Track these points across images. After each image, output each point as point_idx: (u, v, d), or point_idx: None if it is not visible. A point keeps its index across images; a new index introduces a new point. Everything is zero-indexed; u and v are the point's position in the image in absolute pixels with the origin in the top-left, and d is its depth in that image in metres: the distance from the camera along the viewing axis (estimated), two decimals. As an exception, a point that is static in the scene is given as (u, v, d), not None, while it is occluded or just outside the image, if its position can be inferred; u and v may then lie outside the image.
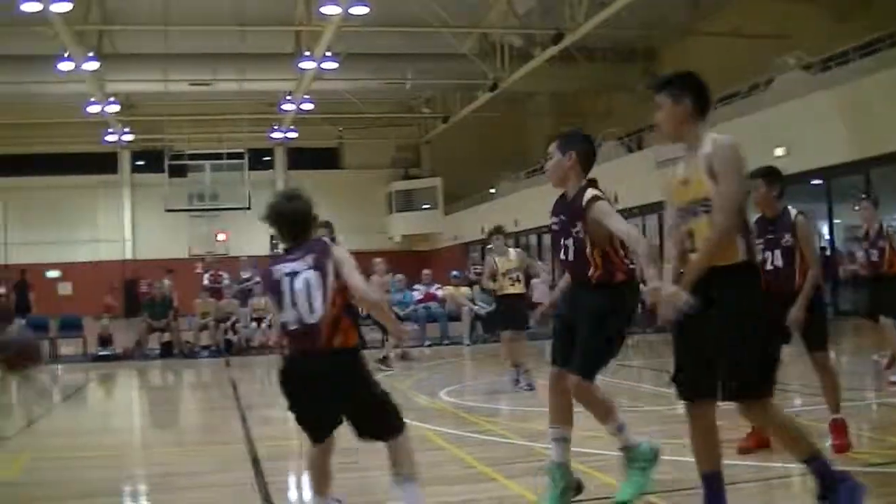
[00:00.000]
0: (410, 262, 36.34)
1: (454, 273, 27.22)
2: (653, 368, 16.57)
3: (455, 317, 24.57)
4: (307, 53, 34.01)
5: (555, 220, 7.26)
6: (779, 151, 27.49)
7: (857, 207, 13.92)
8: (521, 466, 8.01)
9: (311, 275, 6.03)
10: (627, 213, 35.52)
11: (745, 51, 34.12)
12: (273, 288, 6.17)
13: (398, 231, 56.53)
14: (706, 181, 5.70)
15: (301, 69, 35.84)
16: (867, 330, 15.03)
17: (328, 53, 33.60)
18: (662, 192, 6.33)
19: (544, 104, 51.61)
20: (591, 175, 7.36)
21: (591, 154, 7.52)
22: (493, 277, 14.65)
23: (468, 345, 23.46)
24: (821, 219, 30.07)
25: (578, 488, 6.94)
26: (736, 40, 35.06)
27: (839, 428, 8.05)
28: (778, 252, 8.39)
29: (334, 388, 5.91)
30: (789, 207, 8.57)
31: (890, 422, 9.81)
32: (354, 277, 6.08)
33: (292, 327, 5.97)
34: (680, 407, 5.77)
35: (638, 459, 6.82)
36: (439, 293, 25.56)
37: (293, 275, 6.11)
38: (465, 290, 25.48)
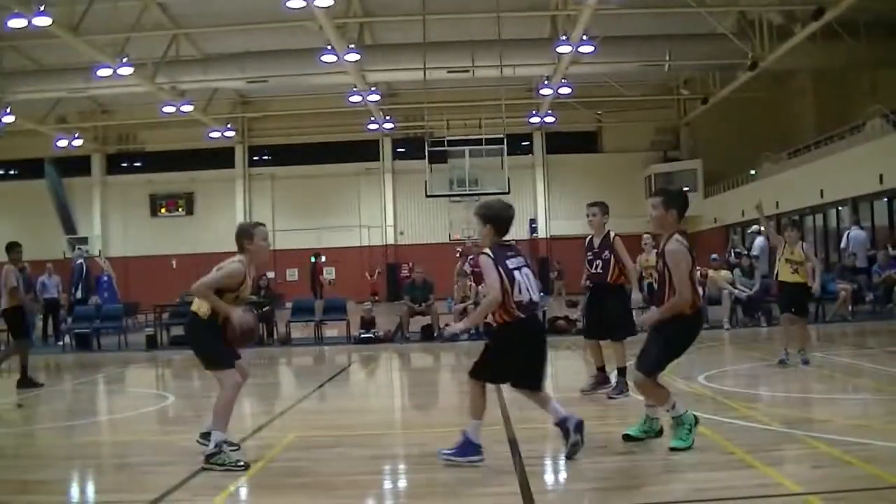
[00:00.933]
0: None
1: (714, 256, 26.85)
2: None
3: (715, 300, 24.22)
4: (564, 38, 34.09)
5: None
6: None
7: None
8: (782, 454, 7.90)
9: (528, 269, 8.54)
10: (893, 194, 34.45)
11: None
12: (510, 275, 8.29)
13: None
14: None
15: (558, 53, 35.96)
16: None
17: (585, 37, 33.62)
18: None
19: (806, 82, 50.27)
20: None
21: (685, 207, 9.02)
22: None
23: (728, 329, 23.11)
24: None
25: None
26: None
27: None
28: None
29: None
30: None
31: None
32: None
33: (528, 302, 8.34)
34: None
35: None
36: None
37: (519, 268, 8.40)
38: (725, 273, 25.09)
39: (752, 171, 49.99)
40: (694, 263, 8.63)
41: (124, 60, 32.74)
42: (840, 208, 40.81)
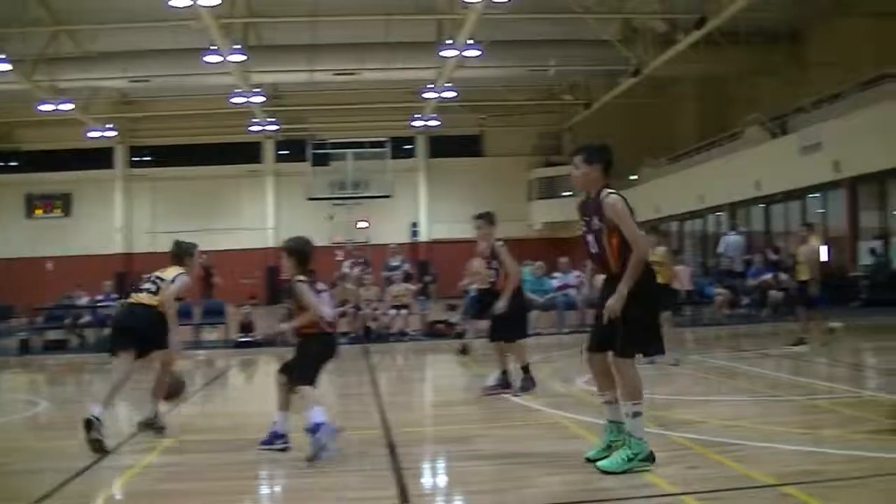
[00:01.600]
0: (551, 249, 36.20)
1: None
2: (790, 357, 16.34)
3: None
4: (449, 42, 34.13)
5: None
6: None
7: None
8: (657, 455, 7.93)
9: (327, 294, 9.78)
10: (771, 199, 35.07)
11: (897, 30, 33.14)
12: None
13: (539, 218, 56.43)
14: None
15: (443, 57, 36.00)
16: None
17: (470, 41, 33.72)
18: None
19: (688, 89, 51.02)
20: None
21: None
22: None
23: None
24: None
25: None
26: (889, 20, 34.11)
27: None
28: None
29: None
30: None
31: None
32: None
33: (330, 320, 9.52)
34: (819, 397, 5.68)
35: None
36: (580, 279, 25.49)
37: (319, 292, 9.52)
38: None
39: (634, 176, 50.57)
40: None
41: (1, 56, 32.06)
42: (718, 213, 41.52)
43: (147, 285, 10.50)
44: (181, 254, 11.00)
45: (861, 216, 32.34)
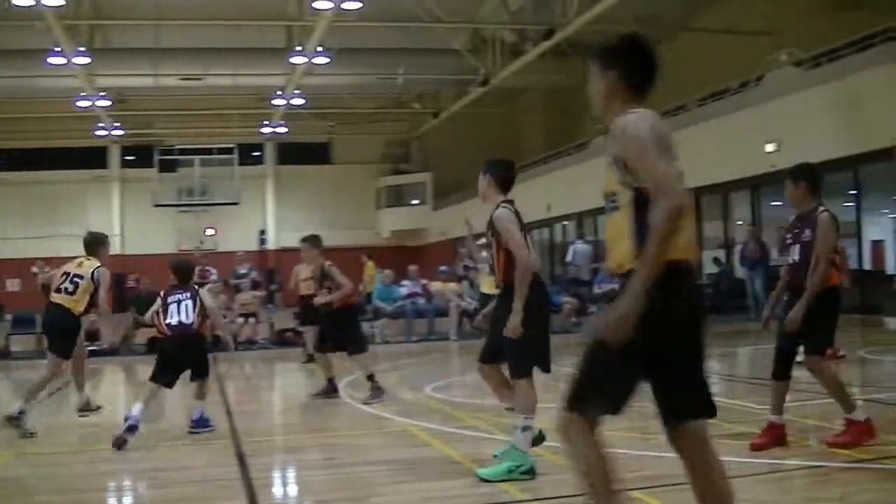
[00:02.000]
0: (399, 257, 36.26)
1: (442, 268, 27.17)
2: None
3: (443, 312, 24.51)
4: (299, 48, 33.95)
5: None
6: (769, 147, 27.59)
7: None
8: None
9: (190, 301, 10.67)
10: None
11: (738, 47, 34.12)
12: (165, 305, 10.54)
13: (387, 226, 56.48)
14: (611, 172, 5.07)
15: (292, 64, 35.79)
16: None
17: (320, 48, 33.57)
18: None
19: (536, 99, 51.57)
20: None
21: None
22: None
23: (455, 340, 23.42)
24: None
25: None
26: (729, 37, 35.06)
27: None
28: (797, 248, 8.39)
29: None
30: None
31: (882, 419, 9.81)
32: None
33: (175, 324, 10.50)
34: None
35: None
36: (428, 288, 25.52)
37: (178, 301, 10.59)
38: (453, 285, 25.41)
39: (482, 186, 50.74)
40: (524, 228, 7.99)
41: None
42: (566, 223, 42.00)
43: (66, 285, 10.80)
44: (94, 244, 11.30)
45: (705, 226, 33.02)
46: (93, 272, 10.82)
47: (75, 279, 10.72)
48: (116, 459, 9.25)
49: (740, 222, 31.15)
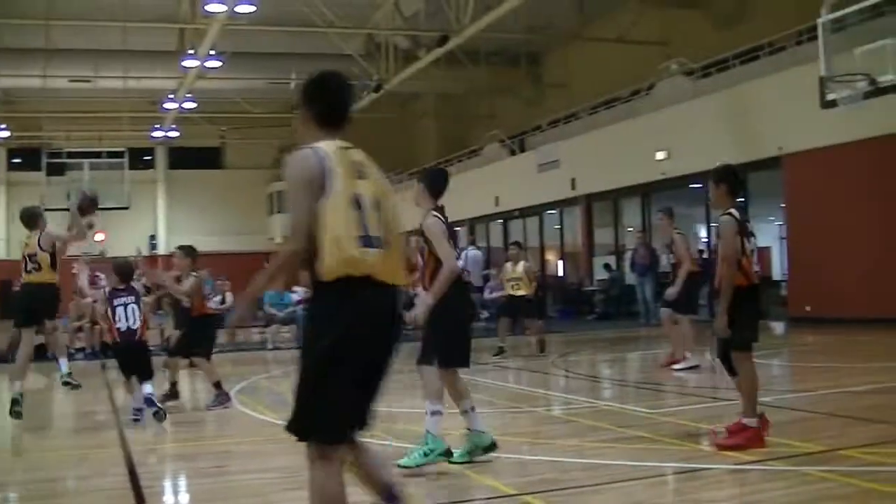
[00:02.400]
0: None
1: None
2: (531, 370, 16.66)
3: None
4: (191, 51, 33.61)
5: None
6: (660, 155, 27.98)
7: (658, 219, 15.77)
8: (400, 469, 7.96)
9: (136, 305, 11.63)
10: (509, 215, 35.83)
11: (629, 56, 34.56)
12: (113, 310, 11.41)
13: (280, 232, 56.18)
14: None
15: (184, 67, 35.43)
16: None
17: (212, 52, 33.28)
18: None
19: (429, 106, 51.70)
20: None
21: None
22: None
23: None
24: (699, 222, 30.58)
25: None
26: (620, 46, 35.51)
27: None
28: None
29: None
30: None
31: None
32: None
33: (124, 329, 11.33)
34: (557, 408, 5.76)
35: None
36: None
37: (125, 305, 11.42)
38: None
39: (375, 192, 50.80)
40: (454, 236, 8.56)
41: None
42: (457, 228, 42.00)
43: (29, 266, 11.65)
44: (28, 218, 12.09)
45: (596, 232, 33.37)
46: (40, 241, 11.59)
47: (33, 258, 11.47)
48: (9, 469, 9.10)
49: (631, 229, 31.52)
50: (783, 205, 26.05)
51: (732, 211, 8.57)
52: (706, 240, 29.53)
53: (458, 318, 8.48)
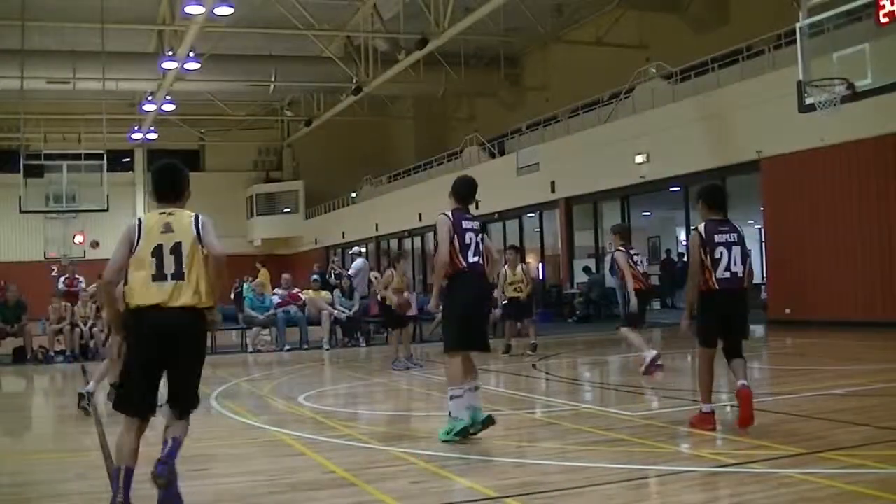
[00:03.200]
0: (270, 266, 36.03)
1: (315, 277, 27.03)
2: (511, 373, 16.68)
3: (315, 321, 24.41)
4: (170, 53, 33.56)
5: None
6: (639, 158, 28.05)
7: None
8: (381, 471, 7.96)
9: None
10: (489, 218, 35.93)
11: (608, 60, 34.71)
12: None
13: (259, 234, 56.20)
14: None
15: (163, 69, 35.36)
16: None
17: (191, 54, 33.25)
18: None
19: (408, 108, 51.74)
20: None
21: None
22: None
23: (328, 349, 23.33)
24: (679, 225, 30.67)
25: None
26: (598, 49, 35.65)
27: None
28: None
29: None
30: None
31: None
32: None
33: None
34: (538, 411, 5.77)
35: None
36: (300, 297, 25.37)
37: None
38: (325, 294, 25.31)
39: (353, 194, 50.86)
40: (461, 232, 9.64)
41: None
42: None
43: None
44: None
45: (576, 235, 33.42)
46: None
47: None
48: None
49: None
50: (762, 208, 26.14)
51: (700, 226, 9.59)
52: (685, 243, 29.66)
53: (460, 306, 9.55)
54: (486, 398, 13.15)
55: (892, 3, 15.08)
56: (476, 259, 9.60)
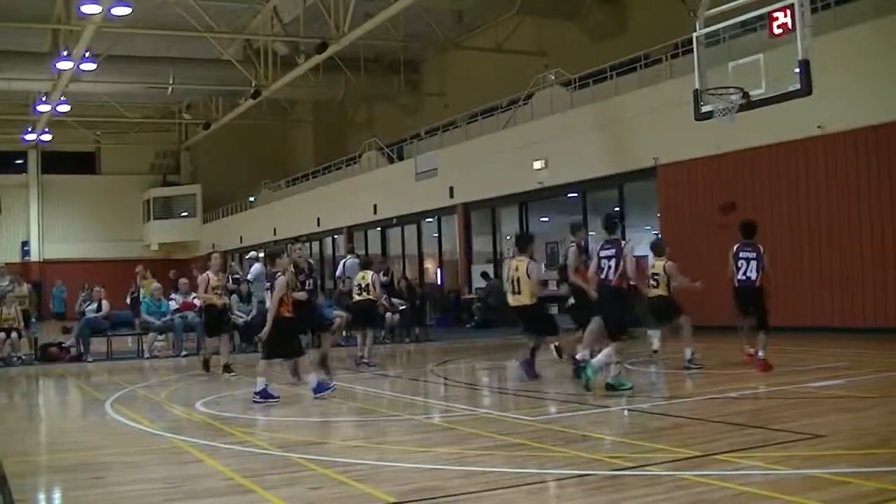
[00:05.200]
0: (168, 270, 35.68)
1: (215, 282, 26.75)
2: (411, 378, 16.70)
3: (213, 327, 24.15)
4: (65, 53, 33.07)
5: None
6: (537, 164, 28.25)
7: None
8: (279, 477, 7.93)
9: None
10: (387, 223, 35.91)
11: (507, 66, 34.92)
12: None
13: (155, 239, 55.63)
14: None
15: (58, 69, 34.84)
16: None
17: (87, 54, 32.81)
18: None
19: (307, 113, 51.60)
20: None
21: None
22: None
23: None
24: (578, 231, 30.87)
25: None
26: (497, 56, 35.84)
27: None
28: None
29: None
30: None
31: (643, 428, 10.11)
32: None
33: None
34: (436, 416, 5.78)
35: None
36: (197, 302, 25.09)
37: None
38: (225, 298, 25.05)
39: (252, 198, 50.60)
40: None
41: None
42: (336, 236, 42.07)
43: None
44: None
45: (474, 241, 33.53)
46: None
47: None
48: None
49: (509, 237, 31.76)
50: (658, 214, 26.44)
51: (734, 247, 15.26)
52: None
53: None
54: (385, 403, 13.18)
55: (786, 15, 15.37)
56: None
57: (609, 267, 12.88)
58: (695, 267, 24.40)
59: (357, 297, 19.31)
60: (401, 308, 25.79)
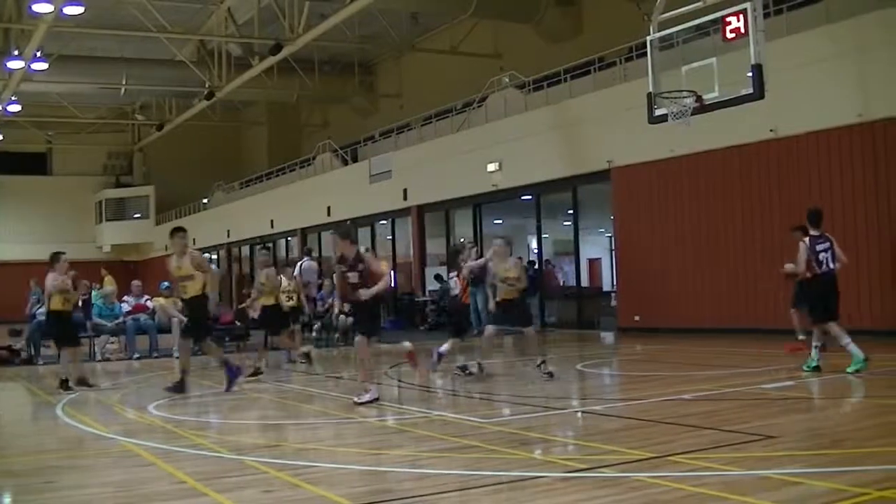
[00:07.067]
0: (120, 272, 35.46)
1: (165, 284, 26.61)
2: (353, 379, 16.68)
3: (166, 328, 24.03)
4: (16, 53, 32.78)
5: None
6: (491, 167, 28.26)
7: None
8: (232, 480, 7.88)
9: None
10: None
11: (462, 69, 34.96)
12: None
13: (108, 240, 55.31)
14: None
15: (9, 69, 34.52)
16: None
17: (39, 54, 32.54)
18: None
19: (261, 114, 51.45)
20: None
21: None
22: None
23: (177, 357, 23.02)
24: (530, 233, 30.98)
25: None
26: (452, 58, 35.88)
27: None
28: None
29: None
30: None
31: (597, 430, 10.13)
32: None
33: None
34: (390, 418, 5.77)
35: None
36: (150, 304, 24.94)
37: None
38: (174, 300, 24.95)
39: (205, 200, 50.40)
40: None
41: None
42: (290, 238, 41.98)
43: None
44: None
45: (428, 243, 33.53)
46: None
47: None
48: None
49: (462, 239, 31.74)
50: (612, 217, 26.52)
51: (805, 239, 14.48)
52: (537, 250, 30.04)
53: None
54: (337, 405, 13.14)
55: (739, 20, 15.48)
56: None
57: (826, 259, 14.38)
58: (646, 269, 24.59)
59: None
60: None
